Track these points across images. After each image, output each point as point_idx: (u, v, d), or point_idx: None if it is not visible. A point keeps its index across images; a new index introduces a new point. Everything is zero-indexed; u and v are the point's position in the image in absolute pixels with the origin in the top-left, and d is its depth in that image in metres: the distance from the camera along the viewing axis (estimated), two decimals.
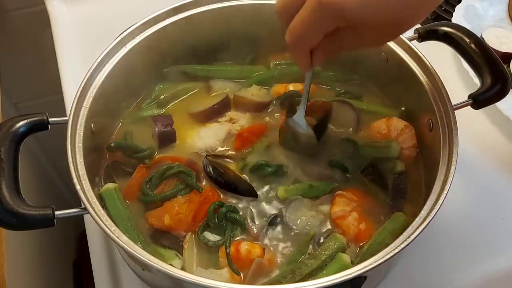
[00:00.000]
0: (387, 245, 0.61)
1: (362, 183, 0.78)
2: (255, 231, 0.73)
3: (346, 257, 0.68)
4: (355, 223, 0.73)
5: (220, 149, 0.82)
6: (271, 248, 0.72)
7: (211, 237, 0.72)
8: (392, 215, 0.73)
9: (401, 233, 0.62)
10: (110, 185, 0.74)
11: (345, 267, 0.64)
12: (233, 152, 0.82)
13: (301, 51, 0.64)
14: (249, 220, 0.74)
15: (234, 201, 0.77)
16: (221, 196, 0.77)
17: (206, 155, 0.79)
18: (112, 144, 0.80)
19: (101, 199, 0.72)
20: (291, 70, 0.89)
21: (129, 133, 0.82)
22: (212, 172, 0.77)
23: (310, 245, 0.72)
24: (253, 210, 0.76)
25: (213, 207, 0.73)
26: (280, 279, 0.68)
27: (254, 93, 0.87)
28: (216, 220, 0.72)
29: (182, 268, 0.69)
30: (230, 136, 0.83)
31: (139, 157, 0.80)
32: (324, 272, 0.67)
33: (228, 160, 0.81)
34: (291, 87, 0.88)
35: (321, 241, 0.72)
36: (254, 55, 0.92)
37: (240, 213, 0.75)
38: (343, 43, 0.62)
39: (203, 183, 0.78)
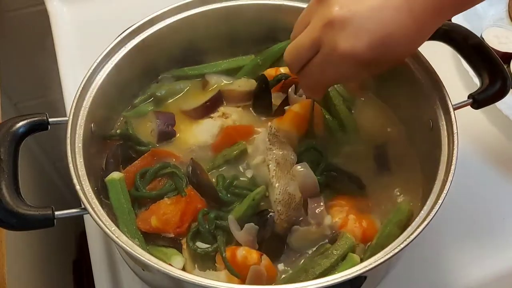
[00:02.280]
0: (395, 236, 0.61)
1: (337, 188, 0.77)
2: (243, 238, 0.70)
3: (356, 257, 0.68)
4: (356, 224, 0.73)
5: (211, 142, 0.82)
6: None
7: (201, 245, 0.71)
8: (396, 206, 0.73)
9: (406, 224, 0.62)
10: (115, 175, 0.73)
11: None
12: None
13: (323, 90, 0.72)
14: (233, 228, 0.70)
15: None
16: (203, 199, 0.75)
17: (191, 158, 0.78)
18: (118, 131, 0.80)
19: (105, 187, 0.72)
20: (271, 54, 0.90)
21: (130, 124, 0.82)
22: (190, 173, 0.76)
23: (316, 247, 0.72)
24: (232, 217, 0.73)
25: (202, 214, 0.72)
26: (294, 278, 0.68)
27: (241, 84, 0.87)
28: (207, 226, 0.71)
29: (184, 266, 0.69)
30: (223, 131, 0.83)
31: (140, 151, 0.79)
32: (336, 272, 0.66)
33: None
34: (282, 70, 0.88)
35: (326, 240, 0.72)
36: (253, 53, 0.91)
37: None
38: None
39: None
